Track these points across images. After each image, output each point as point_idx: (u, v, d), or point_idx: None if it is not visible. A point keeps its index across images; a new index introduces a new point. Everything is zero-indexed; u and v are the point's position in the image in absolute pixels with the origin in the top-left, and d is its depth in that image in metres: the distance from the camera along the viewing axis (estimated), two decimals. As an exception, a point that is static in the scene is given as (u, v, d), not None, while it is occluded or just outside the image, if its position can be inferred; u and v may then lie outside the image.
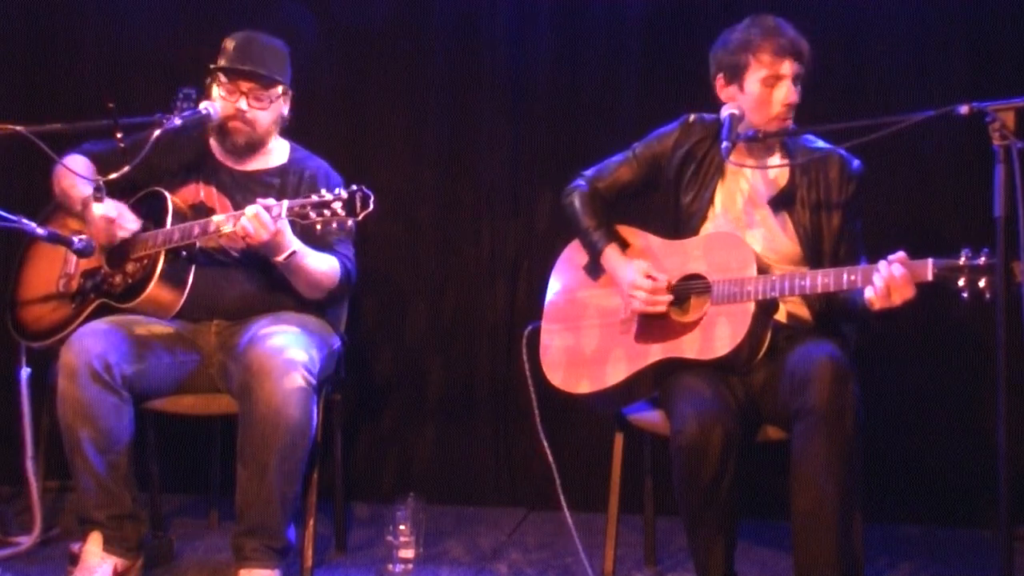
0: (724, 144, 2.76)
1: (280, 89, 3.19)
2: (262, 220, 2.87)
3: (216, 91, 3.16)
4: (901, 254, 2.55)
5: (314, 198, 2.86)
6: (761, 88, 2.82)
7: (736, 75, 2.86)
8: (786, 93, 2.81)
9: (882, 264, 2.55)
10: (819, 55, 2.87)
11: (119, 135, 2.97)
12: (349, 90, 4.03)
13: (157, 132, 2.98)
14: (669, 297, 2.84)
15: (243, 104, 3.13)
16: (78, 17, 4.10)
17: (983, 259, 2.42)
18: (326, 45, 4.00)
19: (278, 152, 3.29)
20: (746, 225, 2.90)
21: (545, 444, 3.02)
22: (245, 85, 3.14)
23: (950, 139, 3.56)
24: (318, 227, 2.86)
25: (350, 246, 3.20)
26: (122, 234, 3.09)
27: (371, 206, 2.82)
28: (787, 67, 2.81)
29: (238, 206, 3.09)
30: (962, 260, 2.45)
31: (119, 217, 3.08)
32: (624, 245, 2.99)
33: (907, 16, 3.69)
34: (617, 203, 3.07)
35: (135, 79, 4.04)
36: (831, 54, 3.57)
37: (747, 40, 2.83)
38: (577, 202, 3.03)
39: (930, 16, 3.68)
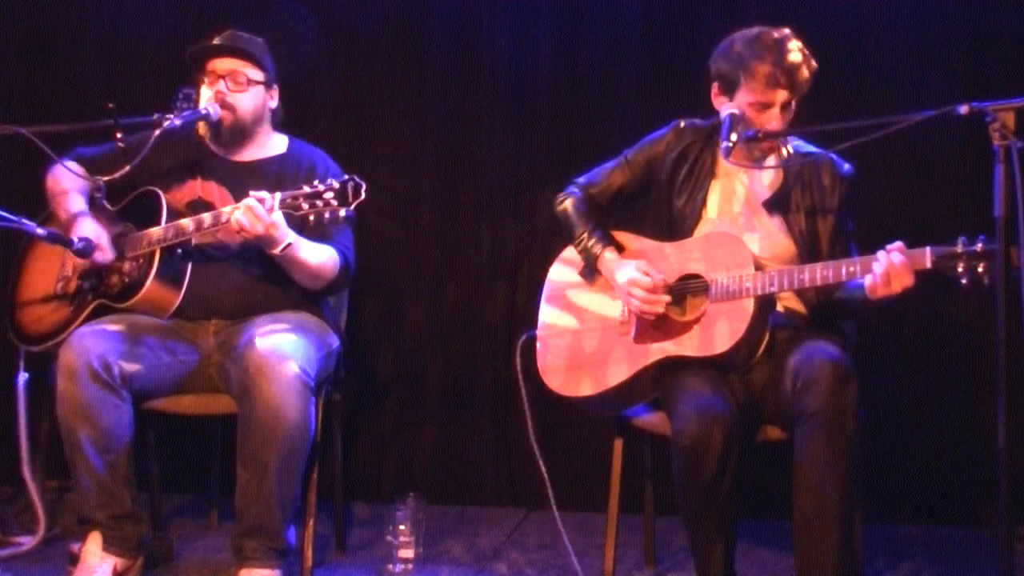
0: (724, 144, 2.76)
1: (260, 76, 3.19)
2: (256, 213, 2.87)
3: (203, 89, 3.17)
4: (899, 243, 2.56)
5: (306, 189, 2.86)
6: (749, 110, 2.81)
7: (729, 89, 2.85)
8: (769, 119, 2.80)
9: (880, 253, 2.56)
10: (819, 55, 2.86)
11: (119, 136, 2.97)
12: (349, 90, 4.03)
13: (157, 132, 2.98)
14: (667, 298, 2.83)
15: (222, 87, 3.14)
16: (78, 17, 4.11)
17: (980, 245, 2.44)
18: (326, 45, 4.00)
19: (276, 143, 3.30)
20: (743, 227, 2.90)
21: (537, 453, 3.00)
22: (223, 68, 3.15)
23: (950, 139, 3.56)
24: (311, 218, 2.86)
25: (350, 235, 3.19)
26: (100, 259, 3.08)
27: (363, 195, 2.82)
28: (776, 96, 2.78)
29: (238, 197, 3.08)
30: (959, 247, 2.46)
31: (98, 250, 3.08)
32: (620, 249, 2.99)
33: (907, 16, 3.70)
34: (610, 208, 3.07)
35: (135, 79, 4.05)
36: (831, 54, 3.58)
37: (744, 58, 2.79)
38: (571, 208, 3.03)
39: (930, 16, 3.68)
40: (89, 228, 3.10)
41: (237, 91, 3.16)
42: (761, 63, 2.77)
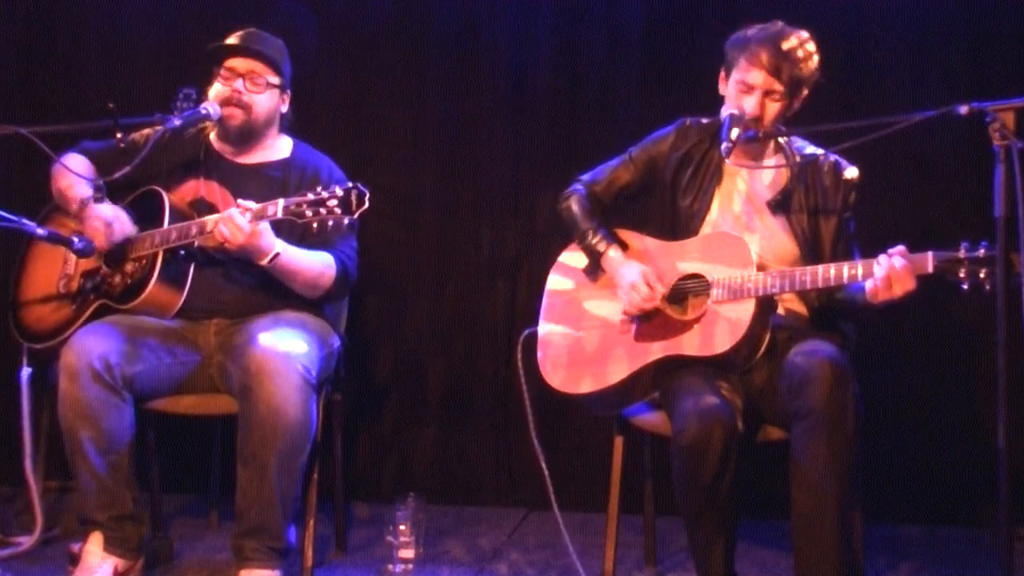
0: (724, 144, 2.76)
1: (277, 80, 3.20)
2: (236, 223, 2.86)
3: (216, 86, 3.17)
4: (901, 247, 2.57)
5: (310, 196, 2.86)
6: (735, 89, 2.83)
7: (728, 70, 2.87)
8: (750, 104, 2.80)
9: (882, 257, 2.56)
10: (819, 55, 2.86)
11: (119, 135, 2.97)
12: (350, 90, 4.04)
13: (158, 132, 2.98)
14: (663, 290, 2.84)
15: (239, 85, 3.14)
16: (79, 17, 4.11)
17: (982, 251, 2.44)
18: (326, 45, 4.00)
19: (281, 147, 3.30)
20: (745, 227, 2.90)
21: (539, 452, 3.00)
22: (243, 67, 3.15)
23: (950, 139, 3.56)
24: (315, 226, 2.86)
25: (352, 242, 3.19)
26: (119, 237, 3.09)
27: (367, 203, 2.82)
28: (756, 78, 2.79)
29: (240, 198, 3.09)
30: (961, 253, 2.46)
31: (116, 220, 3.08)
32: (623, 248, 2.99)
33: (907, 16, 3.70)
34: (614, 206, 3.07)
35: (135, 79, 4.05)
36: (831, 54, 3.58)
37: (746, 40, 2.83)
38: (575, 206, 3.04)
39: (930, 16, 3.68)
40: (105, 209, 3.09)
41: (255, 91, 3.16)
42: (756, 44, 2.80)
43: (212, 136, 3.27)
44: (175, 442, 3.59)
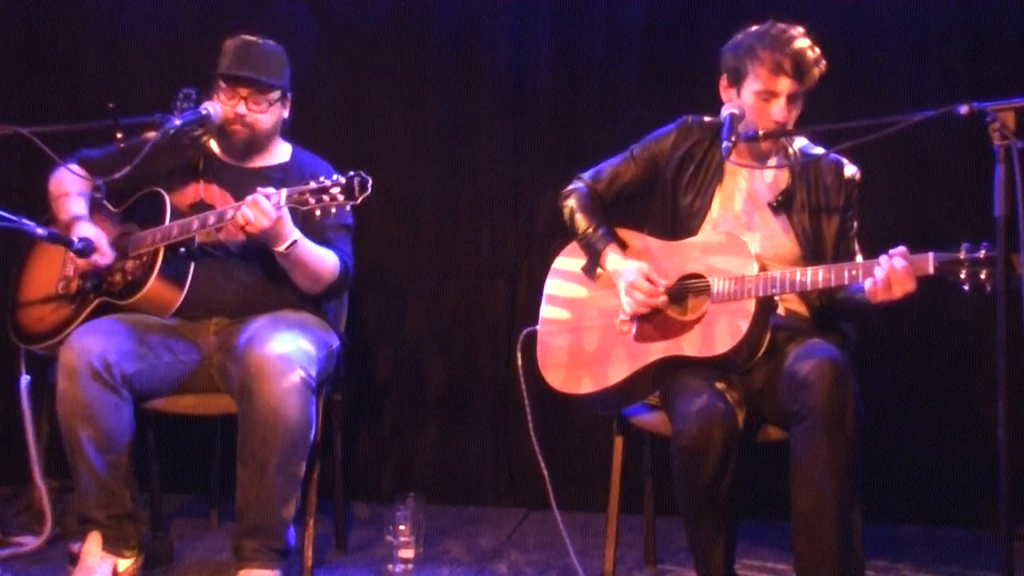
0: (724, 144, 2.76)
1: (279, 93, 3.20)
2: (262, 207, 2.88)
3: (218, 96, 3.17)
4: (902, 248, 2.56)
5: (312, 184, 2.87)
6: (755, 100, 2.82)
7: (737, 80, 2.86)
8: (777, 110, 2.80)
9: (883, 258, 2.56)
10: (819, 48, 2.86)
11: (119, 136, 2.97)
12: (350, 90, 4.04)
13: (158, 132, 2.98)
14: (663, 299, 2.83)
15: (242, 108, 3.14)
16: (79, 17, 4.11)
17: (983, 252, 2.44)
18: (326, 45, 4.00)
19: (280, 152, 3.30)
20: (745, 226, 2.90)
21: (538, 451, 3.00)
22: (244, 90, 3.14)
23: (950, 139, 3.56)
24: (317, 213, 2.87)
25: (348, 243, 3.20)
26: (108, 262, 3.09)
27: (369, 189, 2.84)
28: (782, 84, 2.79)
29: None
30: (962, 254, 2.46)
31: (97, 250, 3.08)
32: (623, 247, 2.99)
33: (907, 16, 3.70)
34: (615, 204, 3.07)
35: (135, 79, 4.05)
36: (831, 54, 3.58)
37: (752, 48, 2.82)
38: (576, 204, 3.03)
39: (930, 16, 3.68)
40: (88, 231, 3.10)
41: (257, 111, 3.16)
42: (767, 50, 2.79)
43: (213, 140, 3.27)
44: (175, 442, 3.59)
